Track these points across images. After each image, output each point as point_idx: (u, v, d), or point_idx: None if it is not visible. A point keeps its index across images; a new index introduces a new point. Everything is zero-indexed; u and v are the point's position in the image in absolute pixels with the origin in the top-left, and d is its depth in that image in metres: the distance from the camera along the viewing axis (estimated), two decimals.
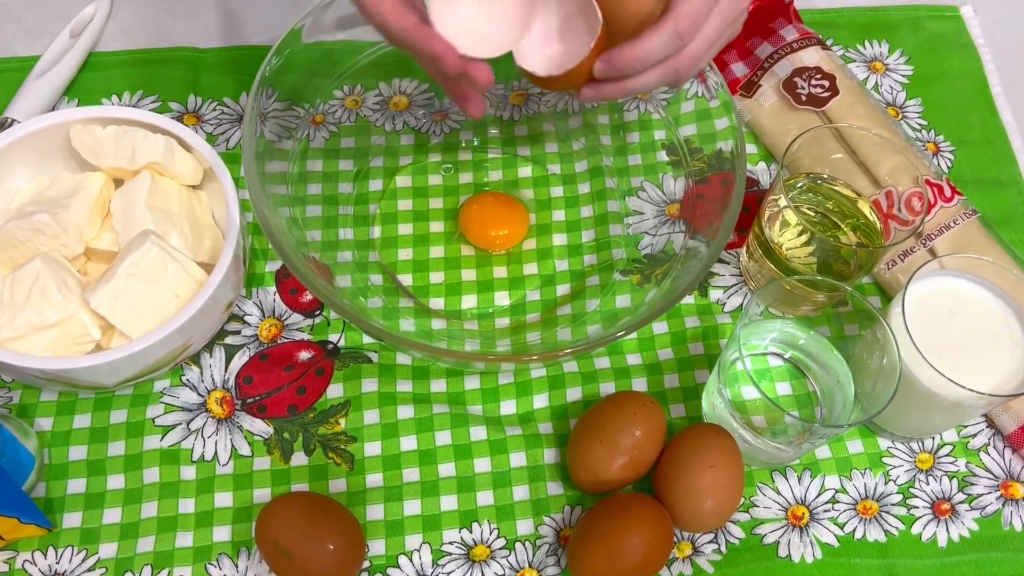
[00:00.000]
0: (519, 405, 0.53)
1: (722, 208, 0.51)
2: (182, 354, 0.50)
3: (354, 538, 0.47)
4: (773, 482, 0.52)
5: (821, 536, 0.50)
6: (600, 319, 0.54)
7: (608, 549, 0.45)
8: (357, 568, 0.47)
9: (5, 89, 0.61)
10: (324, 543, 0.45)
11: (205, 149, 0.52)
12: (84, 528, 0.49)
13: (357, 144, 0.60)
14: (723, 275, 0.58)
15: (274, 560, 0.45)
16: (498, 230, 0.58)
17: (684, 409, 0.54)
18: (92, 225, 0.51)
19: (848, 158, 0.56)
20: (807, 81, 0.61)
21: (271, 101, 0.52)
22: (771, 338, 0.54)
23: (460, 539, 0.49)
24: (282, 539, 0.45)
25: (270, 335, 0.54)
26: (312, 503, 0.47)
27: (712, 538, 0.50)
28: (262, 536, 0.45)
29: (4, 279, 0.48)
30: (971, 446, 0.53)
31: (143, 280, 0.48)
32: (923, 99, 0.65)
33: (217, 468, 0.50)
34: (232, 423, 0.52)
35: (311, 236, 0.54)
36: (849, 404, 0.50)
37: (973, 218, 0.57)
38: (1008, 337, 0.49)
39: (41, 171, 0.54)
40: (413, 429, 0.52)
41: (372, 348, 0.54)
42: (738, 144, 0.52)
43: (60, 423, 0.51)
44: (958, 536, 0.51)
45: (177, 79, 0.63)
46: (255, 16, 0.67)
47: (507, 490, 0.51)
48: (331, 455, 0.51)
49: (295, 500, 0.47)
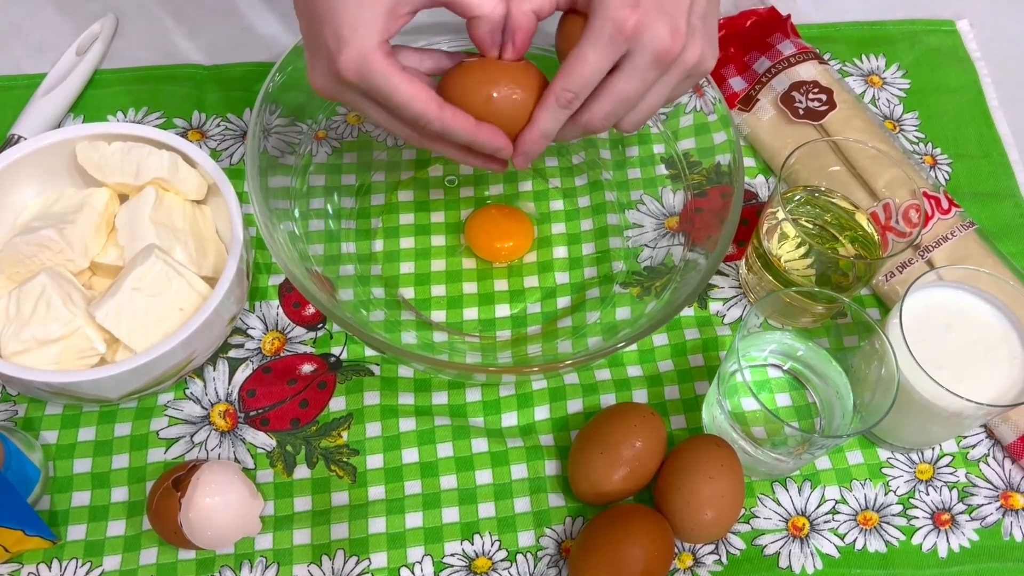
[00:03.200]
0: (520, 417, 0.53)
1: (721, 221, 0.51)
2: (186, 367, 0.50)
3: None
4: (773, 493, 0.52)
5: (822, 547, 0.50)
6: (600, 331, 0.55)
7: (609, 560, 0.45)
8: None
9: (12, 106, 0.62)
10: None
11: (209, 164, 0.53)
12: (88, 541, 0.49)
13: (359, 159, 0.60)
14: (722, 287, 0.58)
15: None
16: (504, 242, 0.58)
17: (684, 420, 0.54)
18: (97, 240, 0.52)
19: (846, 171, 0.56)
20: (805, 95, 0.62)
21: (274, 117, 0.53)
22: (770, 350, 0.54)
23: (462, 551, 0.50)
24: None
25: (273, 348, 0.55)
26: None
27: (713, 549, 0.50)
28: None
29: (10, 293, 0.48)
30: (971, 456, 0.53)
31: (148, 294, 0.48)
32: (920, 112, 0.66)
33: None
34: (235, 436, 0.52)
35: (313, 250, 0.54)
36: (848, 415, 0.50)
37: (971, 230, 0.57)
38: (1006, 348, 0.49)
39: (47, 187, 0.54)
40: (415, 441, 0.52)
41: (374, 361, 0.55)
42: (736, 157, 0.52)
43: (65, 436, 0.51)
44: (958, 546, 0.51)
45: (181, 95, 0.64)
46: (258, 33, 0.68)
47: (508, 502, 0.51)
48: (333, 468, 0.51)
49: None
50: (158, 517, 0.47)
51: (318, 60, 0.43)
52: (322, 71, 0.43)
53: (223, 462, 0.49)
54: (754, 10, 0.66)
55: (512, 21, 0.43)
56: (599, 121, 0.44)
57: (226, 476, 0.47)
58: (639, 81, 0.43)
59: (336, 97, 0.44)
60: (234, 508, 0.47)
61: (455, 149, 0.46)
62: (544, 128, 0.45)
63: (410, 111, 0.42)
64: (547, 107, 0.44)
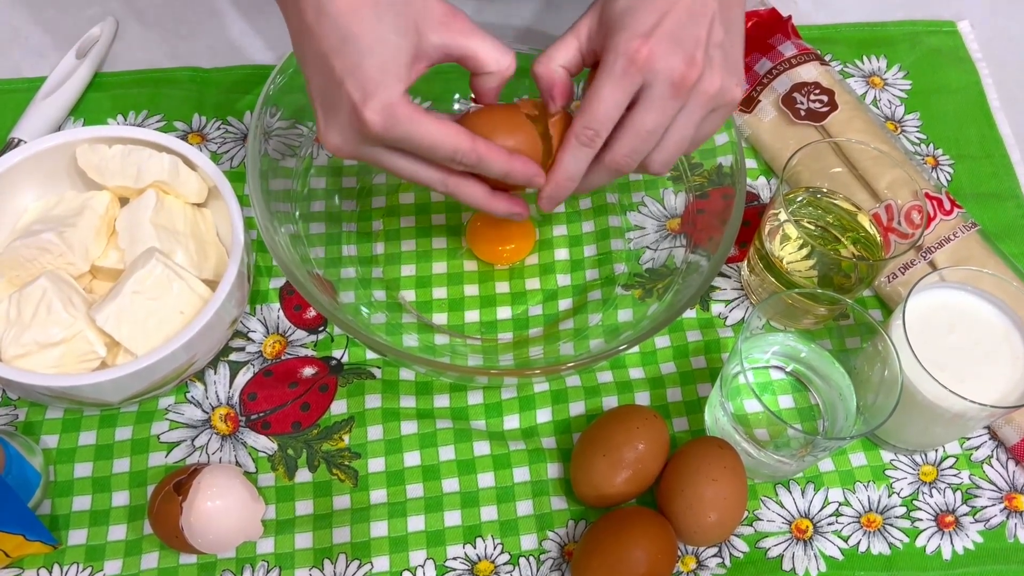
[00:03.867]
0: (522, 420, 0.53)
1: (723, 222, 0.51)
2: (187, 371, 0.50)
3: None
4: (776, 495, 0.52)
5: (825, 549, 0.50)
6: (602, 333, 0.55)
7: (612, 564, 0.45)
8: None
9: (12, 109, 0.62)
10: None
11: (210, 167, 0.52)
12: (89, 545, 0.49)
13: (360, 162, 0.60)
14: (724, 289, 0.58)
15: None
16: (505, 244, 0.58)
17: (687, 423, 0.54)
18: (98, 243, 0.52)
19: (847, 172, 0.56)
20: (806, 96, 0.62)
21: (275, 120, 0.53)
22: (773, 351, 0.54)
23: (464, 555, 0.49)
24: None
25: (274, 351, 0.55)
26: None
27: (716, 552, 0.50)
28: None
29: (11, 297, 0.48)
30: (974, 458, 0.53)
31: (148, 297, 0.48)
32: (921, 113, 0.66)
33: None
34: (236, 439, 0.52)
35: (314, 253, 0.54)
36: (851, 417, 0.50)
37: (973, 231, 0.57)
38: (1009, 349, 0.49)
39: (48, 190, 0.54)
40: (417, 445, 0.52)
41: (376, 364, 0.55)
42: (738, 159, 0.52)
43: (66, 440, 0.51)
44: (962, 548, 0.51)
45: (182, 98, 0.64)
46: (259, 36, 0.68)
47: (511, 505, 0.51)
48: (335, 471, 0.51)
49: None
50: (159, 521, 0.47)
51: (335, 118, 0.42)
52: (341, 128, 0.42)
53: (224, 466, 0.49)
54: (755, 11, 0.66)
55: (545, 81, 0.44)
56: (623, 159, 0.44)
57: (227, 480, 0.47)
58: (658, 112, 0.42)
59: (355, 154, 0.43)
60: (236, 512, 0.47)
61: (482, 192, 0.45)
62: (568, 169, 0.45)
63: (444, 149, 0.42)
64: (569, 147, 0.44)
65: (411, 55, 0.41)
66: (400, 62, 0.40)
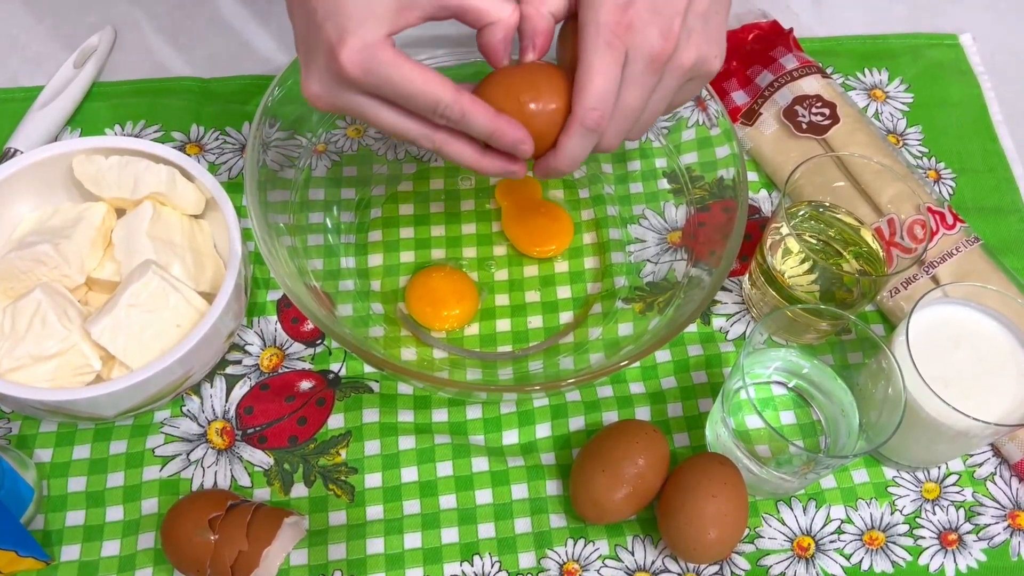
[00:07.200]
0: (521, 435, 0.53)
1: (724, 236, 0.51)
2: (183, 384, 0.50)
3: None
4: (778, 512, 0.51)
5: (827, 567, 0.50)
6: (603, 347, 0.54)
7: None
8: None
9: (9, 119, 0.61)
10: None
11: (207, 179, 0.52)
12: (83, 561, 0.48)
13: (359, 173, 0.60)
14: (726, 303, 0.58)
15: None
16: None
17: (688, 438, 0.53)
18: (94, 255, 0.51)
19: (850, 186, 0.56)
20: (808, 109, 0.61)
21: (273, 131, 0.52)
22: (775, 367, 0.53)
23: (461, 572, 0.49)
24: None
25: (271, 365, 0.54)
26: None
27: (717, 569, 0.49)
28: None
29: (5, 309, 0.48)
30: (977, 475, 0.53)
31: (144, 310, 0.47)
32: (924, 127, 0.66)
33: None
34: (232, 454, 0.51)
35: (312, 265, 0.54)
36: (854, 433, 0.49)
37: (976, 245, 0.57)
38: (1013, 365, 0.48)
39: (43, 201, 0.54)
40: (414, 460, 0.51)
41: (373, 378, 0.54)
42: (739, 172, 0.52)
43: (59, 454, 0.51)
44: (966, 567, 0.50)
45: (179, 109, 0.63)
46: (257, 46, 0.68)
47: (509, 522, 0.50)
48: (331, 487, 0.51)
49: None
50: (180, 550, 0.46)
51: (315, 61, 0.40)
52: (319, 73, 0.40)
53: (281, 514, 0.48)
54: (756, 24, 0.66)
55: (531, 24, 0.42)
56: (610, 139, 0.43)
57: (291, 540, 0.49)
58: (640, 89, 0.42)
59: (334, 104, 0.41)
60: (281, 556, 0.49)
61: (471, 151, 0.43)
62: (571, 154, 0.43)
63: (424, 98, 0.39)
64: (574, 132, 0.42)
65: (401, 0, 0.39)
66: (385, 3, 0.39)
